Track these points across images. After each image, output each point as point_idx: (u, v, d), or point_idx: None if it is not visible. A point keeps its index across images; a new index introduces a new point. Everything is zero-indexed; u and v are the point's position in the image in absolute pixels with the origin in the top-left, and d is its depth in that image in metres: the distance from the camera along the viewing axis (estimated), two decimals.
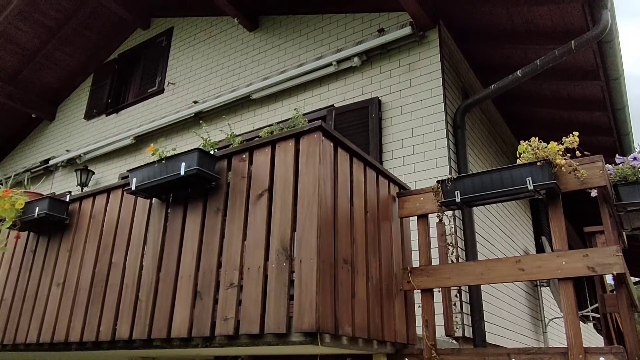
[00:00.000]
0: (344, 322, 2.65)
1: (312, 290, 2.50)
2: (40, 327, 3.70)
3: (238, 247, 2.88)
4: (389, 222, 3.38)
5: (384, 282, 3.13)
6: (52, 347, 3.62)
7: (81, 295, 3.54)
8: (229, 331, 2.70)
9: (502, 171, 2.90)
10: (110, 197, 3.76)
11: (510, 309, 5.63)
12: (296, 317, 2.50)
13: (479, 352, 2.96)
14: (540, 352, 2.77)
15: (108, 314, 3.32)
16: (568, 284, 2.75)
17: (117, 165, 8.01)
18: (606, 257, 2.66)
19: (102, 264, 3.54)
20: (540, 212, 7.59)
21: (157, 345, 3.05)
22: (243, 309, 2.71)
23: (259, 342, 2.64)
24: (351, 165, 3.09)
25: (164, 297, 3.07)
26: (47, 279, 3.86)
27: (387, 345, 3.11)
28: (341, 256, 2.76)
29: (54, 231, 4.02)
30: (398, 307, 3.23)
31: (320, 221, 2.63)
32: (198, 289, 2.95)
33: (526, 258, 2.91)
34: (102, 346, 3.34)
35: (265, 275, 2.71)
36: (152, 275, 3.19)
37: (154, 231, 3.33)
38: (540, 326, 6.79)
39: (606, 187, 2.81)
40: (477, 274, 3.01)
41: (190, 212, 3.20)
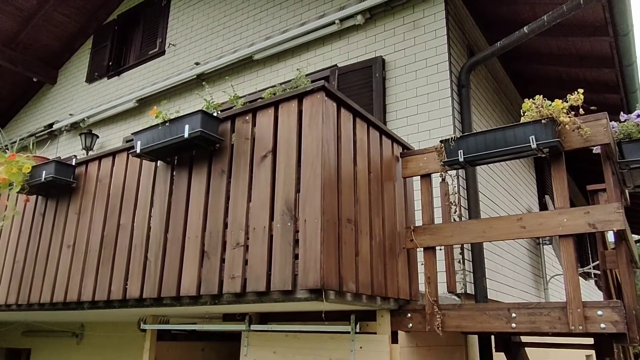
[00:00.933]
0: (348, 279, 2.72)
1: (316, 248, 2.55)
2: (53, 288, 3.81)
3: (243, 208, 2.93)
4: (392, 182, 3.40)
5: (387, 241, 3.19)
6: (65, 306, 3.74)
7: (91, 257, 3.63)
8: (237, 289, 2.78)
9: (506, 130, 2.90)
10: (115, 160, 3.79)
11: (512, 266, 5.72)
12: (301, 275, 2.57)
13: (480, 307, 3.04)
14: (540, 306, 2.84)
15: (118, 274, 3.41)
16: (568, 241, 2.79)
17: (121, 128, 8.02)
18: (607, 214, 2.69)
19: (110, 226, 3.61)
20: (544, 171, 7.59)
21: (167, 304, 3.14)
22: (249, 268, 2.77)
23: (265, 299, 2.71)
24: (354, 126, 3.09)
25: (173, 257, 3.14)
26: (57, 241, 3.94)
27: (390, 301, 3.19)
28: (345, 216, 2.80)
29: (61, 194, 4.08)
30: (401, 264, 3.30)
31: (324, 181, 2.66)
32: (205, 249, 3.01)
33: (528, 216, 2.94)
34: (114, 305, 3.44)
35: (271, 235, 2.76)
36: (160, 236, 3.26)
37: (160, 193, 3.38)
38: (542, 283, 6.92)
39: (609, 144, 2.81)
40: (479, 231, 3.05)
41: (196, 174, 3.23)
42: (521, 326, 2.86)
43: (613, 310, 2.64)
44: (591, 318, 2.67)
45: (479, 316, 3.00)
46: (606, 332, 2.65)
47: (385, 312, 3.25)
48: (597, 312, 2.67)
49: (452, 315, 3.10)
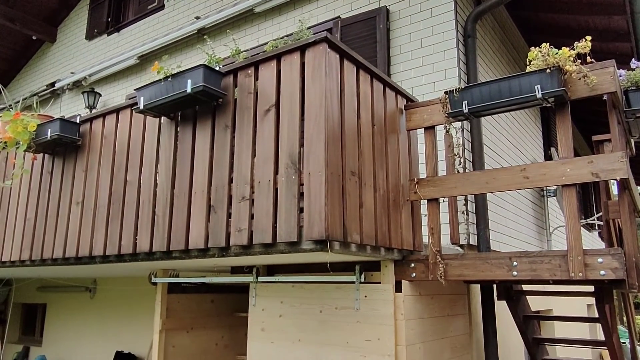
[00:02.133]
0: (352, 231, 2.77)
1: (321, 201, 2.59)
2: (64, 243, 3.90)
3: (248, 162, 2.95)
4: (396, 134, 3.40)
5: (391, 193, 3.22)
6: (77, 260, 3.84)
7: (100, 213, 3.70)
8: (243, 241, 2.84)
9: (511, 79, 2.86)
10: (119, 117, 3.80)
11: (515, 218, 5.78)
12: (306, 226, 2.62)
13: (482, 256, 3.10)
14: (541, 255, 2.90)
15: (128, 229, 3.48)
16: (571, 190, 2.81)
17: (123, 86, 7.96)
18: (611, 162, 2.69)
19: (117, 183, 3.65)
20: (550, 123, 7.52)
21: (176, 257, 3.22)
22: (256, 221, 2.83)
23: (272, 250, 2.78)
24: (358, 78, 3.06)
25: (180, 212, 3.20)
26: (66, 198, 4.01)
27: (394, 252, 3.26)
28: (349, 168, 2.82)
29: (68, 152, 4.11)
30: (405, 216, 3.34)
31: (328, 134, 2.67)
32: (212, 203, 3.06)
33: (531, 166, 2.94)
34: (125, 259, 3.53)
35: (276, 189, 2.79)
36: (167, 191, 3.30)
37: (165, 149, 3.40)
38: (545, 235, 7.00)
39: (616, 93, 2.78)
40: (482, 183, 3.07)
41: (200, 130, 3.24)
42: (522, 274, 2.92)
43: (613, 258, 2.69)
44: (591, 265, 2.72)
45: (481, 265, 3.06)
46: (606, 279, 2.71)
47: (389, 263, 3.32)
48: (598, 259, 2.72)
49: (455, 264, 3.17)
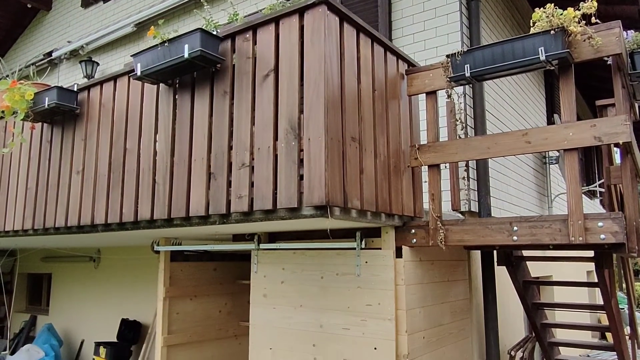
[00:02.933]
0: (353, 196, 2.77)
1: (321, 166, 2.57)
2: (66, 212, 3.92)
3: (247, 129, 2.92)
4: (397, 100, 3.36)
5: (391, 159, 3.20)
6: (80, 229, 3.86)
7: (101, 181, 3.69)
8: (244, 208, 2.84)
9: (514, 42, 2.80)
10: (117, 84, 3.75)
11: (517, 185, 5.77)
12: (306, 192, 2.61)
13: (482, 222, 3.10)
14: (542, 219, 2.90)
15: (129, 197, 3.48)
16: (573, 155, 2.79)
17: (121, 55, 7.86)
18: (613, 126, 2.66)
19: (117, 151, 3.64)
20: (554, 90, 7.43)
21: (177, 224, 3.23)
22: (256, 187, 2.82)
23: (272, 217, 2.78)
24: (358, 42, 3.00)
25: (180, 180, 3.19)
26: (67, 167, 4.00)
27: (395, 218, 3.26)
28: (349, 134, 2.80)
29: (66, 121, 4.08)
30: (405, 183, 3.33)
31: (327, 99, 2.63)
32: (212, 171, 3.05)
33: (533, 131, 2.91)
34: (126, 227, 3.55)
35: (275, 155, 2.78)
36: (167, 159, 3.29)
37: (163, 117, 3.37)
38: (546, 202, 7.00)
39: (621, 54, 2.72)
40: (484, 148, 3.05)
41: (198, 97, 3.20)
42: (522, 239, 2.93)
43: (614, 222, 2.69)
44: (591, 229, 2.72)
45: (481, 230, 3.07)
46: (606, 243, 2.71)
47: (389, 229, 3.33)
48: (598, 223, 2.72)
49: (455, 230, 3.17)
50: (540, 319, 5.06)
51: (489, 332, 4.31)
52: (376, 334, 3.24)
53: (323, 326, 3.47)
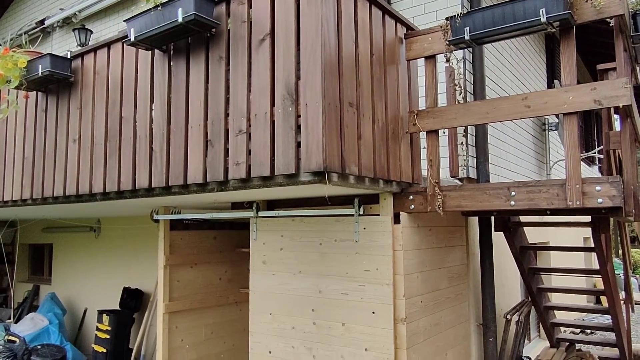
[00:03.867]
0: (351, 162, 2.76)
1: (318, 132, 2.55)
2: (64, 181, 3.91)
3: (244, 95, 2.89)
4: (395, 65, 3.31)
5: (390, 125, 3.18)
6: (78, 198, 3.86)
7: (98, 150, 3.67)
8: (242, 175, 2.84)
9: (515, 3, 2.74)
10: (111, 51, 3.69)
11: (516, 152, 5.76)
12: (304, 158, 2.60)
13: (480, 187, 3.10)
14: (539, 184, 2.90)
15: (126, 166, 3.47)
16: (573, 119, 2.77)
17: (114, 22, 7.71)
18: (614, 89, 2.63)
19: (113, 119, 3.61)
20: (555, 55, 7.33)
21: (175, 192, 3.23)
22: (253, 154, 2.81)
23: (270, 183, 2.78)
24: (355, 4, 2.94)
25: (177, 147, 3.18)
26: (63, 136, 3.98)
27: (393, 184, 3.26)
28: (346, 99, 2.77)
29: (61, 90, 4.04)
30: (404, 149, 3.32)
31: (324, 64, 2.59)
32: (209, 138, 3.03)
33: (533, 95, 2.88)
34: (125, 195, 3.55)
35: (273, 121, 2.75)
36: (163, 127, 3.26)
37: (159, 84, 3.32)
38: (545, 169, 7.01)
39: (623, 16, 2.67)
40: (483, 113, 3.02)
41: (193, 63, 3.15)
42: (520, 204, 2.93)
43: (611, 186, 2.69)
44: (589, 193, 2.73)
45: (479, 195, 3.07)
46: (603, 207, 2.72)
47: (388, 195, 3.33)
48: (596, 187, 2.72)
49: (453, 195, 3.18)
50: (537, 283, 5.13)
51: (486, 297, 4.38)
52: (374, 298, 3.28)
53: (322, 291, 3.52)
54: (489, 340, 4.35)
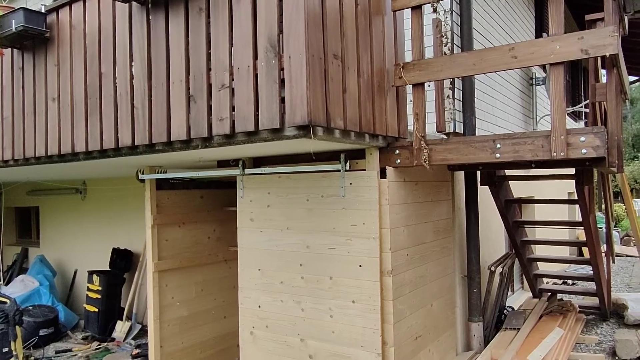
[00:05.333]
0: (336, 116, 2.73)
1: (302, 84, 2.51)
2: (46, 141, 3.84)
3: (225, 48, 2.82)
4: (381, 16, 3.23)
5: (375, 78, 3.13)
6: (61, 158, 3.80)
7: (78, 108, 3.59)
8: (226, 130, 2.80)
9: None
10: (87, 4, 3.55)
11: (503, 107, 5.75)
12: (288, 112, 2.56)
13: (466, 140, 3.10)
14: (524, 136, 2.90)
15: (108, 124, 3.41)
16: (559, 70, 2.74)
17: None
18: (601, 38, 2.60)
19: (92, 76, 3.51)
20: (544, 7, 7.23)
21: (159, 149, 3.19)
22: (237, 109, 2.76)
23: (255, 139, 2.75)
24: None
25: (159, 104, 3.12)
26: (41, 94, 3.87)
27: (379, 139, 3.24)
28: (331, 51, 2.71)
29: (37, 46, 3.90)
30: (390, 102, 3.28)
31: (308, 14, 2.52)
32: (191, 93, 2.97)
33: (520, 45, 2.84)
34: (108, 154, 3.50)
35: (256, 74, 2.70)
36: (144, 82, 3.19)
37: (138, 38, 3.22)
38: (532, 125, 7.02)
39: None
40: (470, 64, 2.98)
41: (173, 15, 3.05)
42: (505, 156, 2.94)
43: (595, 136, 2.70)
44: (573, 144, 2.74)
45: (465, 149, 3.07)
46: (587, 157, 2.74)
47: (374, 150, 3.32)
48: (580, 138, 2.73)
49: (439, 149, 3.18)
50: (521, 236, 5.24)
51: (471, 250, 4.46)
52: (361, 252, 3.32)
53: (309, 247, 3.55)
54: (473, 291, 4.46)
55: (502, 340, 4.25)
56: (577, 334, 5.01)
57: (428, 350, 3.81)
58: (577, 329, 5.08)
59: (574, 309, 5.40)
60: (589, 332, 5.31)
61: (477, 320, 4.50)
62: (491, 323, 4.90)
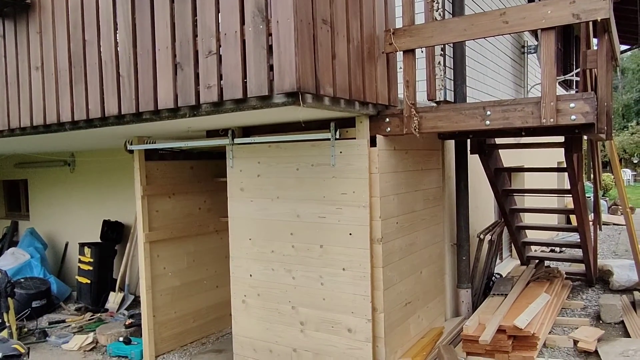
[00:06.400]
0: (325, 83, 2.69)
1: (291, 50, 2.47)
2: (30, 111, 3.77)
3: (212, 13, 2.75)
4: None
5: (365, 45, 3.09)
6: (47, 128, 3.74)
7: (62, 77, 3.52)
8: (214, 98, 2.76)
9: None
10: None
11: (494, 75, 5.71)
12: (277, 79, 2.53)
13: (456, 107, 3.09)
14: (515, 102, 2.89)
15: (93, 93, 3.34)
16: (550, 35, 2.72)
17: None
18: (593, 2, 2.57)
19: (76, 44, 3.43)
20: None
21: (146, 118, 3.14)
22: (225, 76, 2.72)
23: (243, 106, 2.71)
24: None
25: (145, 71, 3.06)
26: (24, 63, 3.78)
27: (369, 106, 3.22)
28: (320, 16, 2.66)
29: (18, 13, 3.79)
30: (380, 69, 3.25)
31: None
32: (177, 60, 2.91)
33: (511, 10, 2.80)
34: (95, 124, 3.44)
35: (243, 40, 2.64)
36: (129, 50, 3.12)
37: (122, 3, 3.13)
38: (523, 93, 7.01)
39: None
40: (460, 30, 2.94)
41: None
42: (495, 123, 2.94)
43: (585, 102, 2.70)
44: (563, 110, 2.74)
45: (455, 116, 3.06)
46: (576, 124, 2.74)
47: (364, 118, 3.30)
48: (570, 104, 2.72)
49: (429, 117, 3.16)
50: (510, 204, 5.28)
51: (460, 218, 4.50)
52: (351, 220, 3.33)
53: (300, 216, 3.56)
54: (462, 258, 4.52)
55: (489, 306, 4.33)
56: (563, 300, 5.12)
57: (417, 316, 3.88)
58: (563, 295, 5.19)
59: (560, 276, 5.51)
60: (575, 297, 5.43)
61: (465, 287, 4.58)
62: (479, 290, 4.99)
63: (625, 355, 3.73)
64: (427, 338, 3.94)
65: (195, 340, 5.06)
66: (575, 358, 3.95)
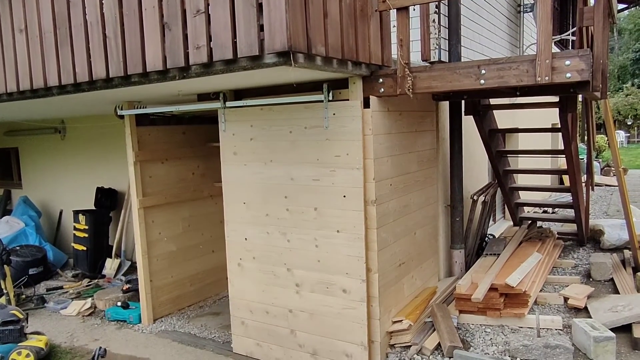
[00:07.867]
0: (317, 42, 2.63)
1: (281, 8, 2.40)
2: (16, 75, 3.68)
3: None
4: None
5: (358, 2, 3.00)
6: (34, 93, 3.67)
7: (47, 39, 3.42)
8: (203, 59, 2.70)
9: None
10: None
11: (489, 35, 5.62)
12: (267, 38, 2.47)
13: (450, 67, 3.04)
14: (509, 61, 2.85)
15: (80, 55, 3.26)
16: None
17: None
18: None
19: (59, 4, 3.31)
20: None
21: (135, 81, 3.08)
22: (214, 36, 2.65)
23: (233, 67, 2.65)
24: None
25: (132, 33, 2.97)
26: (7, 26, 3.67)
27: (362, 67, 3.16)
28: None
29: None
30: (373, 28, 3.18)
31: None
32: (165, 20, 2.83)
33: None
34: (83, 88, 3.38)
35: None
36: (115, 10, 3.02)
37: None
38: (519, 53, 6.92)
39: None
40: None
41: None
42: (490, 82, 2.90)
43: (581, 59, 2.66)
44: (558, 68, 2.70)
45: (449, 75, 3.02)
46: (571, 81, 2.71)
47: (357, 79, 3.25)
48: (565, 62, 2.69)
49: (423, 77, 3.12)
50: (503, 166, 5.30)
51: (454, 180, 4.51)
52: (345, 182, 3.33)
53: (294, 179, 3.55)
54: (455, 220, 4.56)
55: (482, 265, 4.40)
56: (554, 259, 5.20)
57: (411, 276, 3.93)
58: (555, 254, 5.27)
59: (552, 236, 5.58)
60: (567, 256, 5.52)
61: (459, 247, 4.63)
62: (473, 250, 5.05)
63: (614, 310, 3.81)
64: (421, 297, 4.01)
65: (193, 303, 5.13)
66: (565, 314, 4.04)
